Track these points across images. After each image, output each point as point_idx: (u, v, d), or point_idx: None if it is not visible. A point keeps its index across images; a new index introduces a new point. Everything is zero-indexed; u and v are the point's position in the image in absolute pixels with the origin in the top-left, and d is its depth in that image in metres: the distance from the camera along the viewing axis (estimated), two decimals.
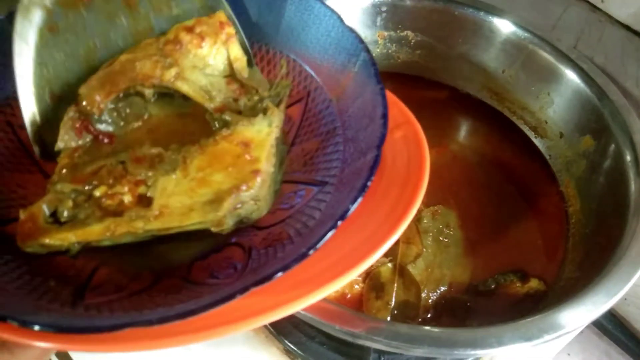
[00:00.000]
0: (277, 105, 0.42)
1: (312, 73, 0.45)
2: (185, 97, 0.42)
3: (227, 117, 0.41)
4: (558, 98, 0.72)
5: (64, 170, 0.39)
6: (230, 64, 0.44)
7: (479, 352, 0.48)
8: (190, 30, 0.42)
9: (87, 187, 0.38)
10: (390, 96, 0.43)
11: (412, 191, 0.39)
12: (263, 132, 0.39)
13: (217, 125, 0.42)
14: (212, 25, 0.43)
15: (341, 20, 0.42)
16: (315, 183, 0.41)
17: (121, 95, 0.41)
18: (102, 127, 0.41)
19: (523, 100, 0.75)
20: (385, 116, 0.37)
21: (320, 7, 0.43)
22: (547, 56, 0.71)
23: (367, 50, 0.41)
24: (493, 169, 0.72)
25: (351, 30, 0.42)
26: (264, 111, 0.41)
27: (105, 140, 0.41)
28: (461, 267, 0.64)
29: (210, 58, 0.43)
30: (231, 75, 0.44)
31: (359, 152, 0.38)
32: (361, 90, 0.41)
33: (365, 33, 0.77)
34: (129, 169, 0.38)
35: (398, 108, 0.45)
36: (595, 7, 0.73)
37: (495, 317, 0.60)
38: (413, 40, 0.78)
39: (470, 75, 0.78)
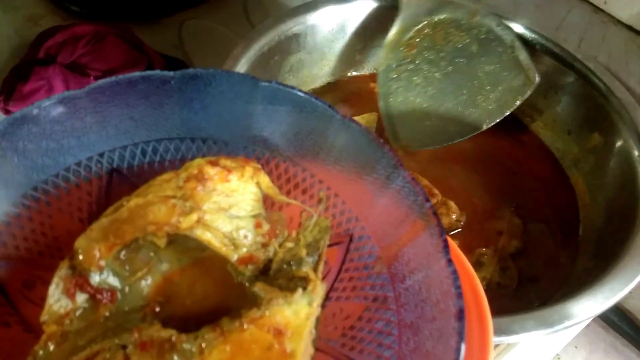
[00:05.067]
0: (317, 261, 0.36)
1: (355, 213, 0.39)
2: None
3: (258, 290, 0.33)
4: (565, 96, 0.74)
5: (51, 344, 0.32)
6: (261, 196, 0.37)
7: (504, 339, 0.50)
8: (214, 163, 0.36)
9: None
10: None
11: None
12: (301, 314, 0.32)
13: (240, 280, 0.35)
14: (236, 161, 0.37)
15: (400, 164, 0.35)
16: None
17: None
18: (100, 279, 0.34)
19: (531, 99, 0.77)
20: (461, 318, 0.30)
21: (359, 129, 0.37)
22: (555, 56, 0.73)
23: (435, 214, 0.33)
24: (503, 167, 0.74)
25: (415, 184, 0.35)
26: (303, 282, 0.34)
27: (105, 300, 0.34)
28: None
29: (239, 193, 0.36)
30: (260, 214, 0.37)
31: (422, 357, 0.32)
32: (424, 262, 0.34)
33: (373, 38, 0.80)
34: (132, 359, 0.31)
35: (453, 254, 0.37)
36: (598, 9, 0.75)
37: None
38: None
39: None
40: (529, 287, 0.64)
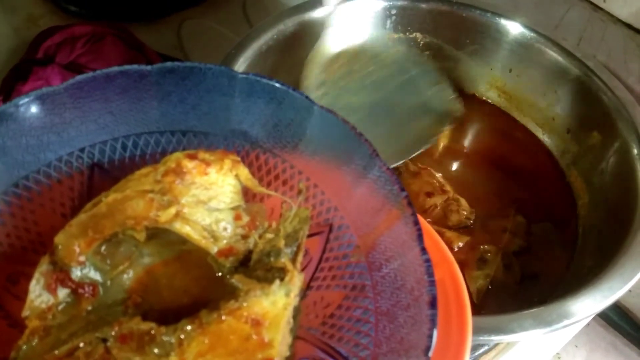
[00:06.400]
0: (296, 252, 0.36)
1: (334, 203, 0.39)
2: None
3: (236, 282, 0.33)
4: (565, 95, 0.73)
5: (34, 338, 0.32)
6: (240, 188, 0.37)
7: (503, 338, 0.50)
8: (193, 157, 0.36)
9: None
10: (425, 226, 0.38)
11: (458, 348, 0.36)
12: (279, 305, 0.32)
13: (220, 271, 0.35)
14: (215, 154, 0.37)
15: (378, 155, 0.36)
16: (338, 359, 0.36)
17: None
18: (82, 274, 0.34)
19: (530, 98, 0.76)
20: (434, 306, 0.31)
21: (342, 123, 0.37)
22: (554, 55, 0.72)
23: (410, 204, 0.34)
24: (503, 166, 0.74)
25: (392, 174, 0.35)
26: (280, 273, 0.34)
27: (87, 294, 0.34)
28: None
29: (218, 185, 0.36)
30: (240, 206, 0.37)
31: (397, 343, 0.33)
32: (400, 250, 0.35)
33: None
34: (112, 352, 0.31)
35: (433, 242, 0.41)
36: (597, 7, 0.75)
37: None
38: (422, 42, 0.80)
39: (478, 74, 0.80)
40: (529, 284, 0.64)
